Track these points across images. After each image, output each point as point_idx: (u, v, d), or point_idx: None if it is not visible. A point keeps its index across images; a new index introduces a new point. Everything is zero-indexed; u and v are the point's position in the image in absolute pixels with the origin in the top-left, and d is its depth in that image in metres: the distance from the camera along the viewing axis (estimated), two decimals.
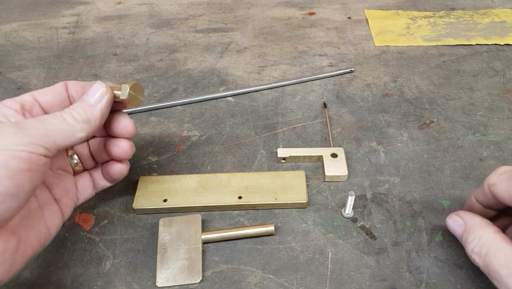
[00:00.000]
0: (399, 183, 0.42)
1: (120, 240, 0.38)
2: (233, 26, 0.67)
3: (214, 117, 0.50)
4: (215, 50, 0.62)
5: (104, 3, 0.74)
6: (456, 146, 0.45)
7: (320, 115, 0.50)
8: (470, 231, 0.30)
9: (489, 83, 0.53)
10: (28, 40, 0.65)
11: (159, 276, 0.35)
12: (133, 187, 0.42)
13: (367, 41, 0.62)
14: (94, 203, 0.41)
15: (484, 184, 0.32)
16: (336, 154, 0.43)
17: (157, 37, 0.65)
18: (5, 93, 0.55)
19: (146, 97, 0.53)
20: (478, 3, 0.70)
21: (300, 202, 0.39)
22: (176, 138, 0.48)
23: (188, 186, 0.41)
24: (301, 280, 0.35)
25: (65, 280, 0.35)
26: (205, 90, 0.54)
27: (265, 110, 0.51)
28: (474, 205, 0.34)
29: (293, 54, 0.60)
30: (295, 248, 0.37)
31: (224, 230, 0.37)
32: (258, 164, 0.44)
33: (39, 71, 0.59)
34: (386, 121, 0.49)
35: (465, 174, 0.42)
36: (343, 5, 0.71)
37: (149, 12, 0.71)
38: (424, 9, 0.69)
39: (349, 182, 0.42)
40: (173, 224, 0.38)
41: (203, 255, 0.36)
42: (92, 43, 0.64)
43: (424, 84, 0.54)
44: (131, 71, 0.58)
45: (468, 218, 0.32)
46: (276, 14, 0.70)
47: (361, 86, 0.54)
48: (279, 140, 0.47)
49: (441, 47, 0.60)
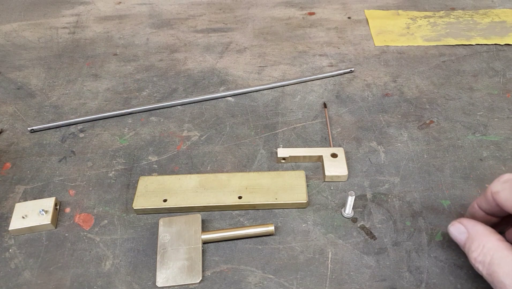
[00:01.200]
0: (399, 183, 0.42)
1: (120, 240, 0.38)
2: (233, 26, 0.67)
3: (214, 117, 0.50)
4: (215, 50, 0.62)
5: (104, 3, 0.74)
6: (456, 146, 0.45)
7: (320, 115, 0.50)
8: (474, 239, 0.30)
9: (489, 83, 0.53)
10: (28, 40, 0.65)
11: (159, 276, 0.35)
12: (133, 187, 0.42)
13: (367, 41, 0.62)
14: (94, 203, 0.41)
15: (487, 191, 0.31)
16: (336, 154, 0.43)
17: (157, 37, 0.65)
18: (5, 93, 0.55)
19: (146, 97, 0.53)
20: (478, 3, 0.70)
21: (300, 202, 0.39)
22: (176, 138, 0.48)
23: (188, 186, 0.41)
24: (301, 280, 0.35)
25: (65, 280, 0.35)
26: (205, 90, 0.54)
27: (265, 110, 0.51)
28: (476, 212, 0.33)
29: (293, 54, 0.60)
30: (295, 248, 0.37)
31: (224, 230, 0.37)
32: (258, 164, 0.44)
33: (39, 71, 0.59)
34: (386, 121, 0.49)
35: (465, 174, 0.42)
36: (343, 5, 0.71)
37: (149, 12, 0.71)
38: (424, 9, 0.69)
39: (349, 182, 0.42)
40: (173, 224, 0.38)
41: (203, 255, 0.36)
42: (92, 43, 0.64)
43: (424, 84, 0.54)
44: (131, 71, 0.58)
45: (471, 226, 0.31)
46: (276, 14, 0.70)
47: (361, 86, 0.54)
48: (279, 140, 0.47)
49: (441, 47, 0.60)
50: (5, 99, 0.54)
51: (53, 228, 0.39)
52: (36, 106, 0.53)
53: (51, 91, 0.55)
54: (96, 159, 0.45)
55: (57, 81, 0.57)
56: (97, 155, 0.46)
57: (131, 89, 0.55)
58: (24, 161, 0.46)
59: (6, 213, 0.40)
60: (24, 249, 0.37)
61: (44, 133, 0.49)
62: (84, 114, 0.51)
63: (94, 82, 0.56)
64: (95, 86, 0.56)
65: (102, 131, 0.49)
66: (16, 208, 0.39)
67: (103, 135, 0.48)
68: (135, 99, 0.53)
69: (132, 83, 0.56)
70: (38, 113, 0.52)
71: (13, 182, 0.43)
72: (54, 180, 0.43)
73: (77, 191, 0.42)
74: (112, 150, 0.46)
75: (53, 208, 0.39)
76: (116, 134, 0.48)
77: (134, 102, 0.53)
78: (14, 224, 0.38)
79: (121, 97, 0.54)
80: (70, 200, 0.41)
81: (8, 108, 0.53)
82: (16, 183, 0.43)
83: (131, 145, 0.47)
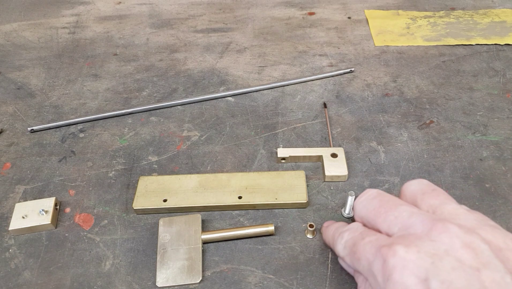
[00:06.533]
0: (399, 183, 0.42)
1: (120, 240, 0.38)
2: (233, 26, 0.67)
3: (214, 117, 0.50)
4: (215, 50, 0.62)
5: (104, 3, 0.74)
6: (456, 146, 0.45)
7: (320, 115, 0.50)
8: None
9: (489, 83, 0.53)
10: (28, 40, 0.65)
11: (159, 276, 0.35)
12: (133, 187, 0.42)
13: (367, 41, 0.62)
14: (94, 203, 0.41)
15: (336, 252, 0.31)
16: (336, 154, 0.43)
17: (157, 37, 0.65)
18: (5, 93, 0.55)
19: (146, 97, 0.53)
20: (478, 3, 0.70)
21: (300, 202, 0.39)
22: (176, 138, 0.48)
23: (188, 186, 0.41)
24: (301, 280, 0.35)
25: (65, 280, 0.35)
26: (205, 90, 0.54)
27: (265, 110, 0.51)
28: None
29: (293, 54, 0.60)
30: (295, 248, 0.37)
31: (224, 230, 0.37)
32: (258, 164, 0.44)
33: (39, 71, 0.59)
34: (386, 121, 0.49)
35: (465, 174, 0.42)
36: (343, 5, 0.71)
37: (149, 12, 0.71)
38: (424, 9, 0.69)
39: (349, 182, 0.42)
40: (173, 224, 0.38)
41: (203, 255, 0.36)
42: (92, 43, 0.64)
43: (424, 84, 0.54)
44: (131, 71, 0.58)
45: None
46: (276, 14, 0.70)
47: (361, 86, 0.54)
48: (279, 140, 0.47)
49: (441, 47, 0.60)
50: (5, 99, 0.54)
51: (53, 228, 0.39)
52: (36, 106, 0.53)
53: (51, 91, 0.55)
54: (96, 159, 0.45)
55: (57, 81, 0.57)
56: (97, 155, 0.46)
57: (131, 89, 0.55)
58: (24, 161, 0.46)
59: (6, 213, 0.40)
60: (24, 249, 0.37)
61: (44, 133, 0.49)
62: (84, 114, 0.51)
63: (94, 82, 0.56)
64: (95, 86, 0.56)
65: (102, 131, 0.49)
66: (16, 208, 0.39)
67: (103, 135, 0.48)
68: (135, 99, 0.53)
69: (132, 83, 0.56)
70: (38, 113, 0.52)
71: (13, 182, 0.43)
72: (54, 180, 0.43)
73: (77, 191, 0.42)
74: (112, 150, 0.46)
75: (53, 208, 0.39)
76: (116, 134, 0.48)
77: (134, 102, 0.53)
78: (14, 224, 0.38)
79: (121, 97, 0.54)
80: (70, 200, 0.41)
81: (8, 108, 0.53)
82: (16, 183, 0.43)
83: (131, 145, 0.47)
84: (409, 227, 0.26)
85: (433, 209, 0.28)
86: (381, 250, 0.25)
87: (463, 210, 0.28)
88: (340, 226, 0.32)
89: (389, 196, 0.30)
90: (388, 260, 0.25)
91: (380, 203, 0.29)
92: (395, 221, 0.27)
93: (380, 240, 0.27)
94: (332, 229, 0.33)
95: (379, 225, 0.28)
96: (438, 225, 0.25)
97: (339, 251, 0.30)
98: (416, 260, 0.24)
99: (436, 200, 0.29)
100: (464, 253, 0.24)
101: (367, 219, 0.30)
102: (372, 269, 0.26)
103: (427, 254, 0.24)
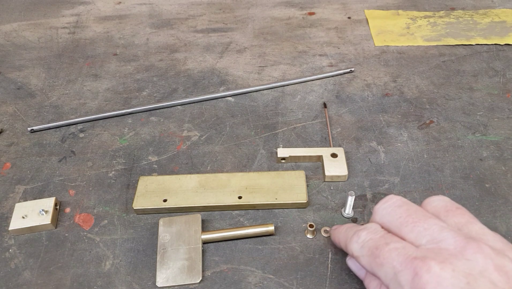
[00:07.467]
0: (399, 183, 0.42)
1: (120, 240, 0.38)
2: (233, 26, 0.67)
3: (214, 117, 0.50)
4: (215, 50, 0.62)
5: (104, 3, 0.74)
6: (456, 146, 0.45)
7: (320, 115, 0.50)
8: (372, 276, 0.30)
9: (489, 83, 0.53)
10: (28, 40, 0.65)
11: (159, 276, 0.35)
12: (133, 187, 0.42)
13: (367, 41, 0.62)
14: (94, 203, 0.41)
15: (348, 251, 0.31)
16: (336, 154, 0.43)
17: (157, 37, 0.65)
18: (5, 93, 0.55)
19: (146, 97, 0.53)
20: (478, 3, 0.70)
21: (300, 202, 0.39)
22: (176, 138, 0.48)
23: (188, 186, 0.41)
24: (301, 280, 0.35)
25: (65, 280, 0.35)
26: (205, 90, 0.54)
27: (265, 110, 0.51)
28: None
29: (293, 54, 0.60)
30: (295, 248, 0.37)
31: (224, 230, 0.37)
32: (258, 164, 0.44)
33: (39, 71, 0.59)
34: (386, 121, 0.49)
35: (465, 174, 0.42)
36: (343, 5, 0.71)
37: (149, 12, 0.71)
38: (424, 9, 0.69)
39: (349, 182, 0.42)
40: (173, 224, 0.38)
41: (203, 255, 0.36)
42: (92, 43, 0.64)
43: (424, 84, 0.54)
44: (131, 71, 0.58)
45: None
46: (276, 14, 0.70)
47: (361, 86, 0.54)
48: (279, 140, 0.47)
49: (441, 47, 0.60)
50: (5, 99, 0.54)
51: (53, 228, 0.39)
52: (36, 106, 0.53)
53: (51, 91, 0.55)
54: (96, 159, 0.45)
55: (57, 81, 0.57)
56: (97, 155, 0.46)
57: (131, 89, 0.55)
58: (24, 161, 0.46)
59: (6, 213, 0.40)
60: (24, 249, 0.37)
61: (44, 133, 0.49)
62: (84, 114, 0.51)
63: (94, 82, 0.56)
64: (95, 86, 0.56)
65: (102, 131, 0.49)
66: (16, 208, 0.39)
67: (103, 135, 0.48)
68: (135, 99, 0.53)
69: (132, 83, 0.56)
70: (38, 113, 0.52)
71: (13, 182, 0.43)
72: (54, 180, 0.43)
73: (77, 191, 0.42)
74: (112, 150, 0.46)
75: (53, 208, 0.39)
76: (116, 134, 0.48)
77: (134, 102, 0.53)
78: (14, 224, 0.38)
79: (121, 97, 0.54)
80: (70, 200, 0.41)
81: (8, 108, 0.53)
82: (16, 183, 0.43)
83: (131, 145, 0.47)
84: (440, 241, 0.26)
85: (459, 227, 0.28)
86: (413, 262, 0.25)
87: (488, 230, 0.28)
88: (354, 226, 0.32)
89: (416, 206, 0.30)
90: (421, 275, 0.24)
91: (408, 213, 0.29)
92: (424, 233, 0.27)
93: (408, 249, 0.26)
94: (344, 228, 0.32)
95: (404, 234, 0.28)
96: (473, 244, 0.25)
97: (354, 250, 0.29)
98: (451, 279, 0.24)
99: (462, 219, 0.28)
100: (497, 276, 0.24)
101: (389, 225, 0.29)
102: (399, 279, 0.25)
103: (462, 274, 0.24)
